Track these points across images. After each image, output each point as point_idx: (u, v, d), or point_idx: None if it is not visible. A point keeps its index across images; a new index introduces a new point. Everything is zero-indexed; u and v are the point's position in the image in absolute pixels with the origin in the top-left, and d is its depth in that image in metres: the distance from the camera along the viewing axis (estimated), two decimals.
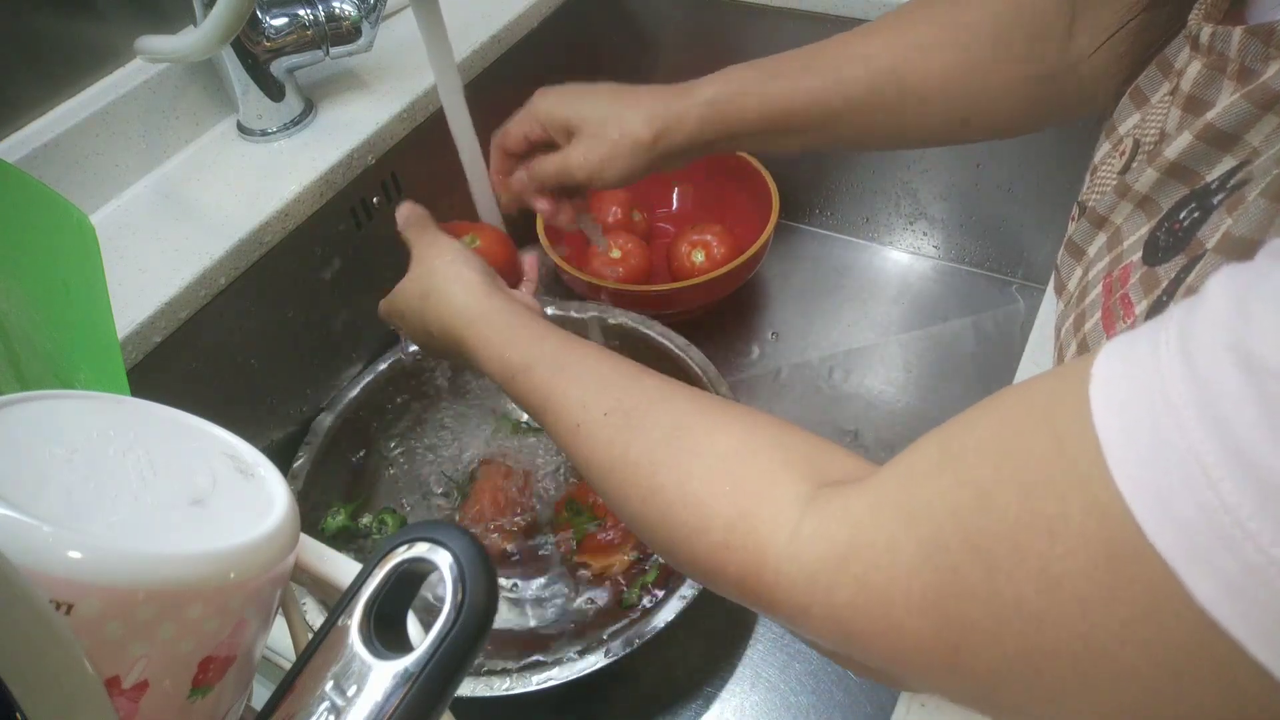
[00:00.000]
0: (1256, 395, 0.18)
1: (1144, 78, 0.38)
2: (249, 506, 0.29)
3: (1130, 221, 0.35)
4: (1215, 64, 0.32)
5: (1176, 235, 0.31)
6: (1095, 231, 0.38)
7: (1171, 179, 0.33)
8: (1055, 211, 0.89)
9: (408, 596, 0.28)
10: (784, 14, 0.86)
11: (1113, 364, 0.22)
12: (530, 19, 0.88)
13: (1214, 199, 0.30)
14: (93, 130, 0.67)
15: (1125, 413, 0.21)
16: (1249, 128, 0.29)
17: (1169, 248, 0.31)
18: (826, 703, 0.66)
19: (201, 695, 0.26)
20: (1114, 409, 0.21)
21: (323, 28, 0.72)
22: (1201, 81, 0.32)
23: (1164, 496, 0.19)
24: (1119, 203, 0.36)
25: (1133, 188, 0.35)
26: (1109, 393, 0.21)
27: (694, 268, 0.89)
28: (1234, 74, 0.31)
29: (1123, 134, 0.39)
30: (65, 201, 0.41)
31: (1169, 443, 0.19)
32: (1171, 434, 0.19)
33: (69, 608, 0.22)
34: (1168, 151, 0.32)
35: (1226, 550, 0.18)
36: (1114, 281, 0.34)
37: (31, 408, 0.28)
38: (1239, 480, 0.18)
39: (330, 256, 0.76)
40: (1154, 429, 0.20)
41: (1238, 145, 0.30)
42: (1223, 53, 0.31)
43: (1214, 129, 0.30)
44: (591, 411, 0.41)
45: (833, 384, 0.87)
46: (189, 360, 0.66)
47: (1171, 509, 0.19)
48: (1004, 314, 0.93)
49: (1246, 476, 0.18)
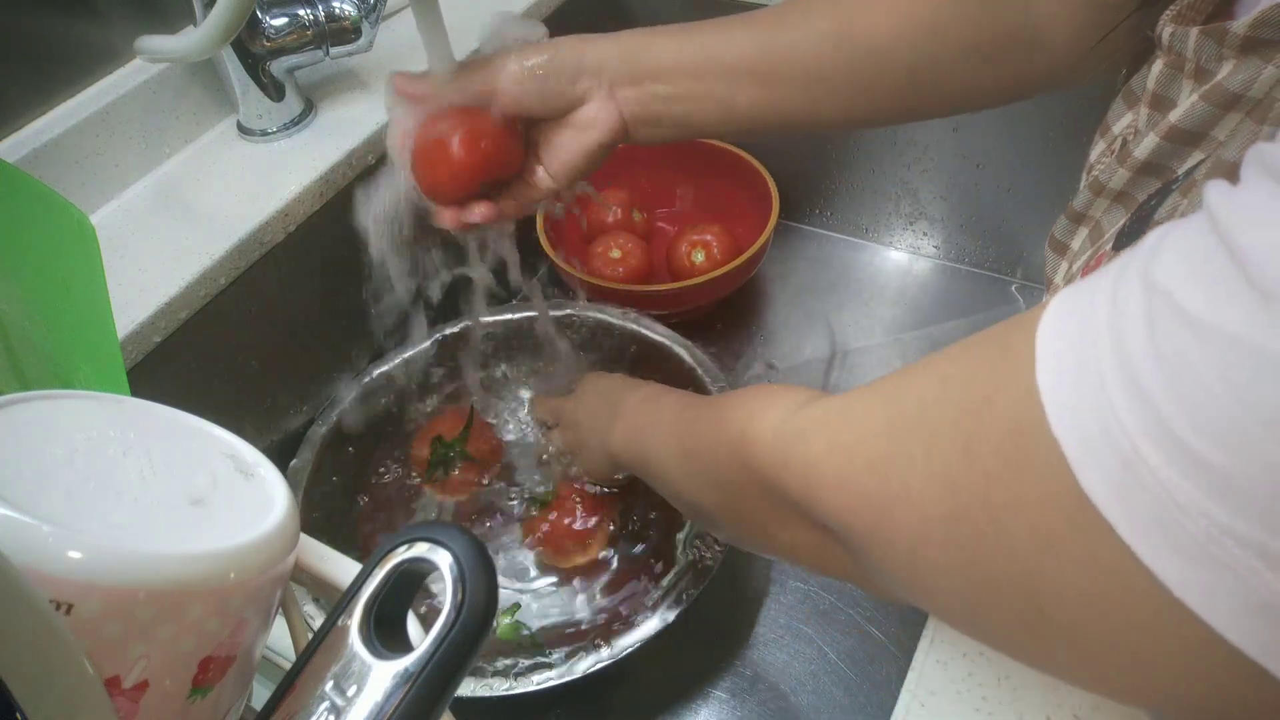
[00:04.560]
0: (1145, 309, 0.21)
1: (1136, 79, 0.39)
2: (249, 506, 0.29)
3: (1110, 215, 0.37)
4: (1174, 63, 0.33)
5: (1139, 220, 0.33)
6: (1076, 227, 0.40)
7: (1145, 175, 0.34)
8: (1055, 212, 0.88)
9: (408, 596, 0.28)
10: None
11: (1064, 295, 0.25)
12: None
13: (1174, 186, 0.32)
14: (93, 130, 0.67)
15: (1058, 329, 0.24)
16: (1212, 125, 0.31)
17: (1133, 233, 0.33)
18: (826, 703, 0.66)
19: (201, 695, 0.26)
20: (1051, 326, 0.24)
21: (323, 28, 0.72)
22: (1164, 80, 0.34)
23: (1067, 393, 0.22)
24: (1094, 199, 0.38)
25: (1107, 185, 0.36)
26: (1052, 316, 0.24)
27: (694, 268, 0.89)
28: (1190, 73, 0.32)
29: (1115, 133, 0.39)
30: (65, 201, 0.41)
31: (1083, 351, 0.22)
32: (1087, 344, 0.22)
33: (69, 608, 0.22)
34: (1137, 151, 0.34)
35: (1107, 443, 0.21)
36: (1090, 269, 0.35)
37: (31, 408, 0.28)
38: (1124, 383, 0.21)
39: (330, 256, 0.76)
40: (1076, 340, 0.23)
41: (1205, 141, 0.31)
42: (1180, 52, 0.32)
43: (1178, 129, 0.32)
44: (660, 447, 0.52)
45: (832, 384, 0.87)
46: (189, 360, 0.66)
47: (1071, 404, 0.22)
48: (1004, 314, 0.92)
49: (1129, 380, 0.20)
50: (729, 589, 0.72)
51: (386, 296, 0.63)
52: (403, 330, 0.80)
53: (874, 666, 0.68)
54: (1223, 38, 0.30)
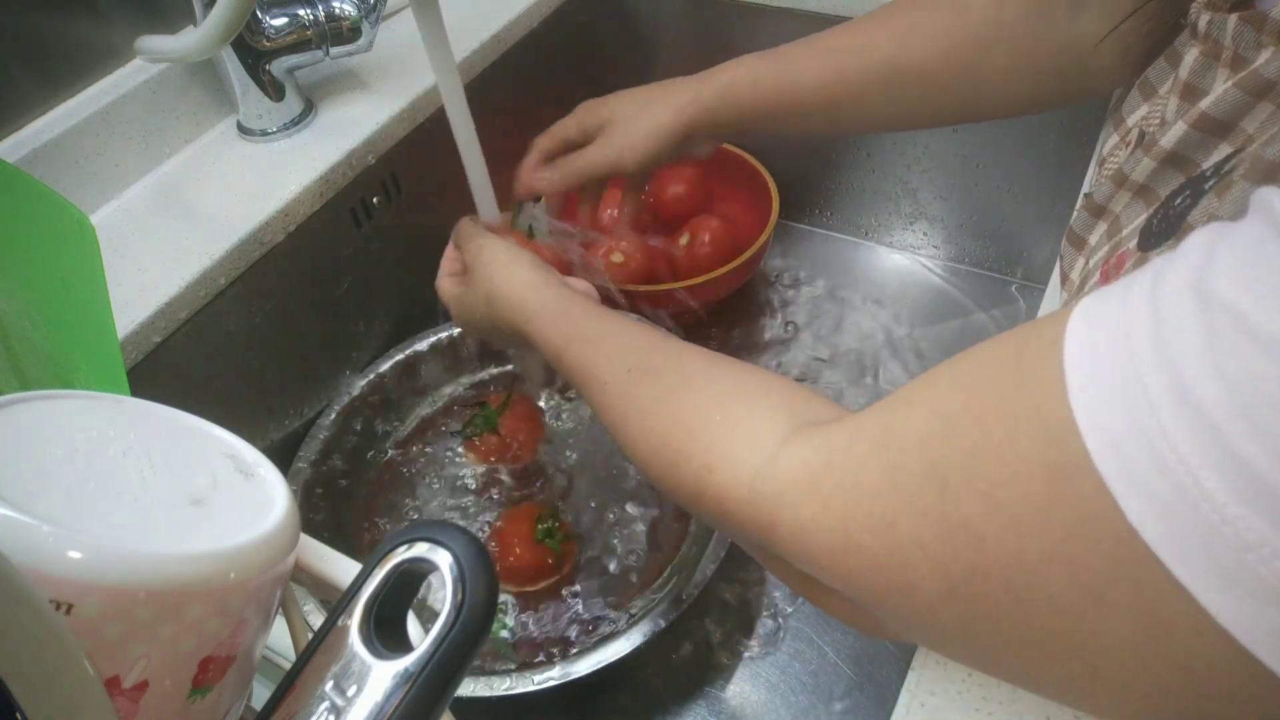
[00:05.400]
0: (1203, 325, 0.19)
1: (1153, 70, 0.38)
2: (249, 506, 0.29)
3: (1129, 210, 0.36)
4: (1211, 51, 0.32)
5: (1169, 220, 0.32)
6: (1095, 221, 0.38)
7: (1168, 167, 0.33)
8: (1055, 211, 0.89)
9: (408, 596, 0.28)
10: (784, 14, 0.86)
11: (1090, 308, 0.22)
12: (530, 19, 0.88)
13: (1206, 184, 0.30)
14: (93, 130, 0.67)
15: (1091, 347, 0.21)
16: (1243, 115, 0.30)
17: (1161, 233, 0.32)
18: (826, 703, 0.66)
19: (201, 695, 0.26)
20: (1082, 343, 0.22)
21: (323, 28, 0.72)
22: (1198, 69, 0.32)
23: (1110, 420, 0.20)
24: (1117, 192, 0.36)
25: (1130, 176, 0.35)
26: (1081, 331, 0.22)
27: (694, 266, 0.89)
28: (1228, 61, 0.31)
29: (1130, 125, 0.39)
30: (65, 201, 0.41)
31: (1123, 371, 0.20)
32: (1126, 362, 0.20)
33: (69, 608, 0.22)
34: (1163, 140, 0.33)
35: (1159, 472, 0.19)
36: (1110, 269, 0.34)
37: (31, 408, 0.28)
38: (1176, 405, 0.19)
39: (330, 256, 0.76)
40: (1114, 359, 0.20)
41: (1233, 133, 0.30)
42: (1218, 40, 0.31)
43: (1208, 117, 0.31)
44: (616, 370, 0.45)
45: (832, 384, 0.87)
46: (189, 360, 0.66)
47: (1115, 431, 0.20)
48: (1004, 314, 0.93)
49: (1183, 402, 0.19)
50: (728, 588, 0.72)
51: (386, 298, 0.63)
52: (401, 330, 0.80)
53: (874, 666, 0.68)
54: (1262, 24, 0.29)
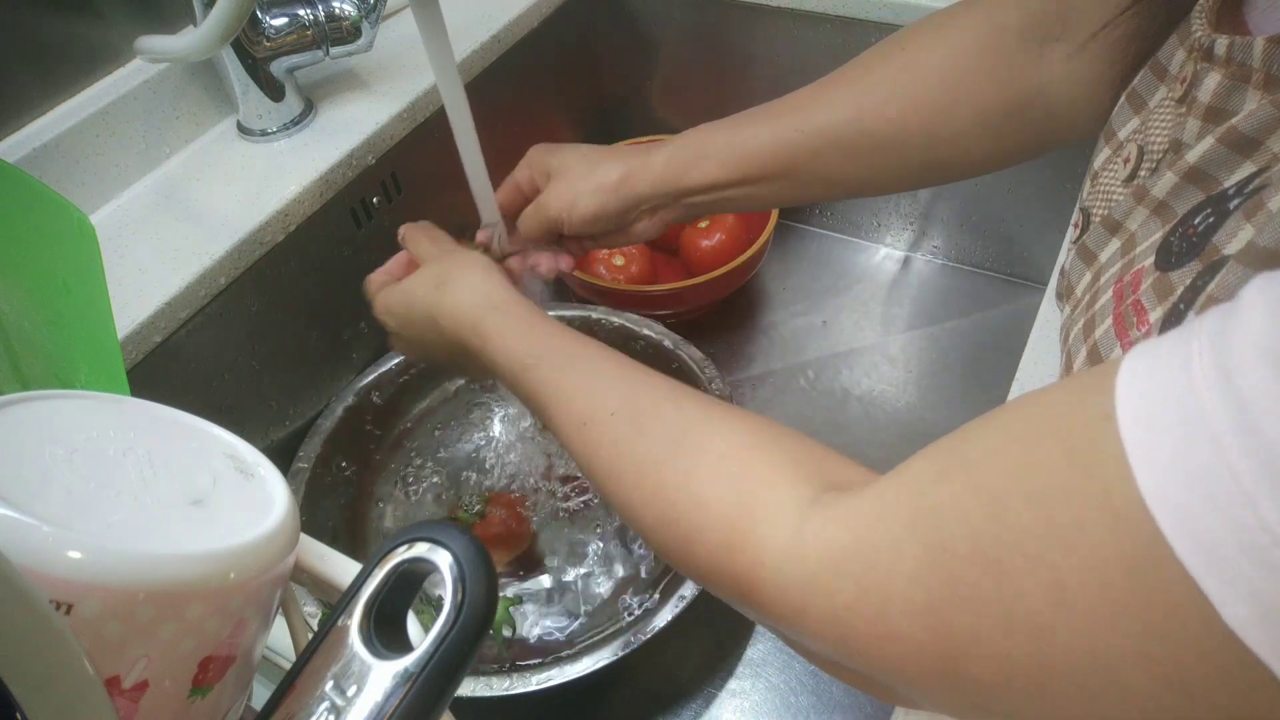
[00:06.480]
0: None
1: (1139, 81, 0.38)
2: (249, 506, 0.29)
3: (1145, 227, 0.35)
4: (1238, 74, 0.31)
5: (1190, 240, 0.31)
6: (1109, 236, 0.38)
7: (1189, 184, 0.33)
8: (1055, 212, 0.89)
9: (408, 596, 0.28)
10: (784, 14, 0.86)
11: (1138, 374, 0.21)
12: (530, 19, 0.88)
13: (1230, 204, 0.30)
14: (93, 130, 0.67)
15: (1153, 425, 0.20)
16: (1271, 133, 0.29)
17: (1183, 253, 0.31)
18: (826, 703, 0.66)
19: (201, 695, 0.26)
20: (1141, 421, 0.20)
21: (323, 28, 0.72)
22: (1222, 93, 0.32)
23: (1194, 513, 0.18)
24: (1135, 208, 0.36)
25: (1150, 192, 0.34)
26: (1135, 405, 0.20)
27: (694, 267, 0.89)
28: (1259, 83, 0.31)
29: (1123, 139, 0.38)
30: (65, 201, 0.41)
31: (1201, 456, 0.18)
32: (1204, 447, 0.18)
33: (69, 608, 0.22)
34: (1189, 156, 0.32)
35: (1263, 572, 0.17)
36: (1125, 287, 0.34)
37: (31, 408, 0.28)
38: (1277, 497, 0.17)
39: (330, 256, 0.76)
40: (1185, 442, 0.19)
41: (1258, 151, 0.30)
42: (1244, 63, 0.31)
43: (1237, 132, 0.30)
44: (598, 410, 0.41)
45: (832, 384, 0.87)
46: (189, 360, 0.66)
47: (1202, 526, 0.18)
48: (1004, 314, 0.93)
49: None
50: None
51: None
52: None
53: None
54: None
